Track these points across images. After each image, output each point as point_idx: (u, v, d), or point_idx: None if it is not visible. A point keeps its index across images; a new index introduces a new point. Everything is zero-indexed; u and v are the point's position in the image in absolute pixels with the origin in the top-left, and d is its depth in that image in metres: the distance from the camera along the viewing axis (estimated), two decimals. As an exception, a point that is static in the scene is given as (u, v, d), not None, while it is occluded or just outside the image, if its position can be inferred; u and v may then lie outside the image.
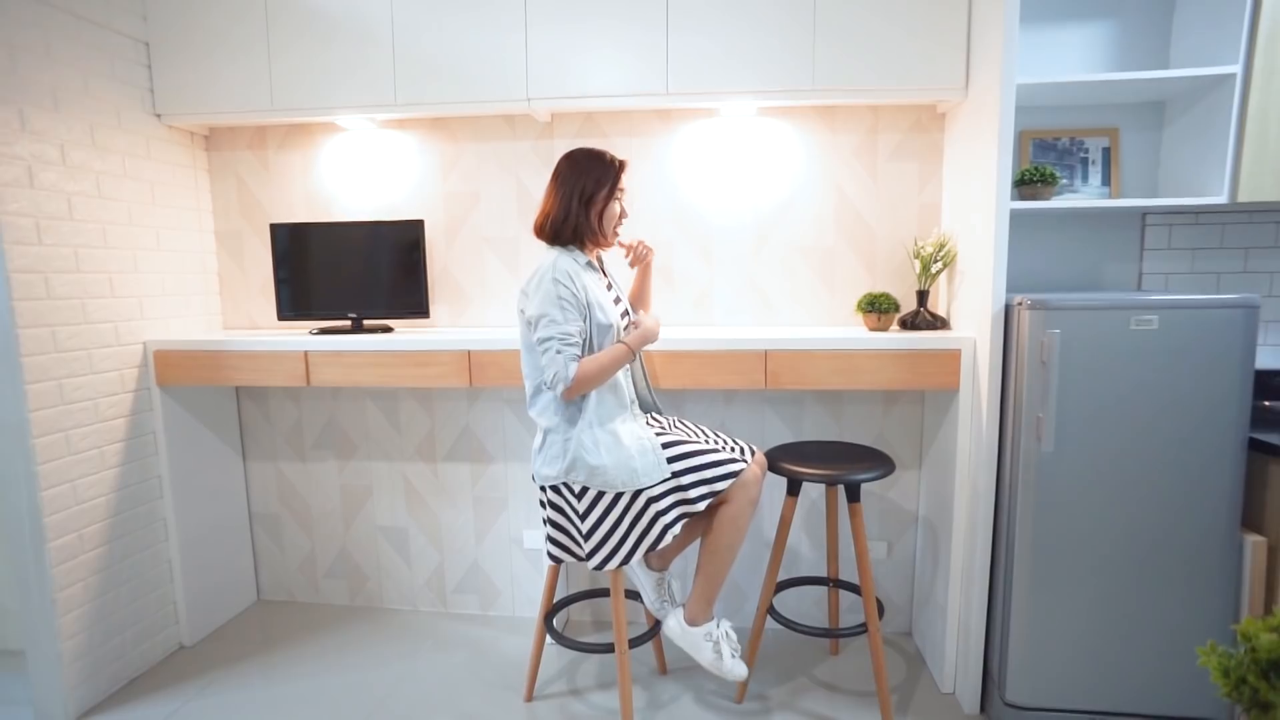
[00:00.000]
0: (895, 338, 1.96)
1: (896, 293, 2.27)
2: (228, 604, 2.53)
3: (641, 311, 1.85)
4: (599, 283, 1.73)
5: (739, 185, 2.33)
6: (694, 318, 2.40)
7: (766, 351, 1.97)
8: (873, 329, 2.14)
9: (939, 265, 2.10)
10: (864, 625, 1.88)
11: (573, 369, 1.59)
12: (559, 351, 1.59)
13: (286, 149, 2.48)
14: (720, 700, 2.03)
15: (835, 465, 1.83)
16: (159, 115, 2.28)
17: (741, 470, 1.71)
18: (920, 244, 2.12)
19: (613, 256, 2.41)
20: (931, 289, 2.19)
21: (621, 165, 1.74)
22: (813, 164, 2.29)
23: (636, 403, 1.84)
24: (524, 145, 2.38)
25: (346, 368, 2.12)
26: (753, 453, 1.83)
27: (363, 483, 2.57)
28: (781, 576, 2.36)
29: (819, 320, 2.35)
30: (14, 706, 2.01)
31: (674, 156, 2.34)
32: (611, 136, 2.34)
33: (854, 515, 1.84)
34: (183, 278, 2.40)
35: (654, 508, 1.68)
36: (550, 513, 1.78)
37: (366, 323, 2.40)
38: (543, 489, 1.76)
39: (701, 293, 2.39)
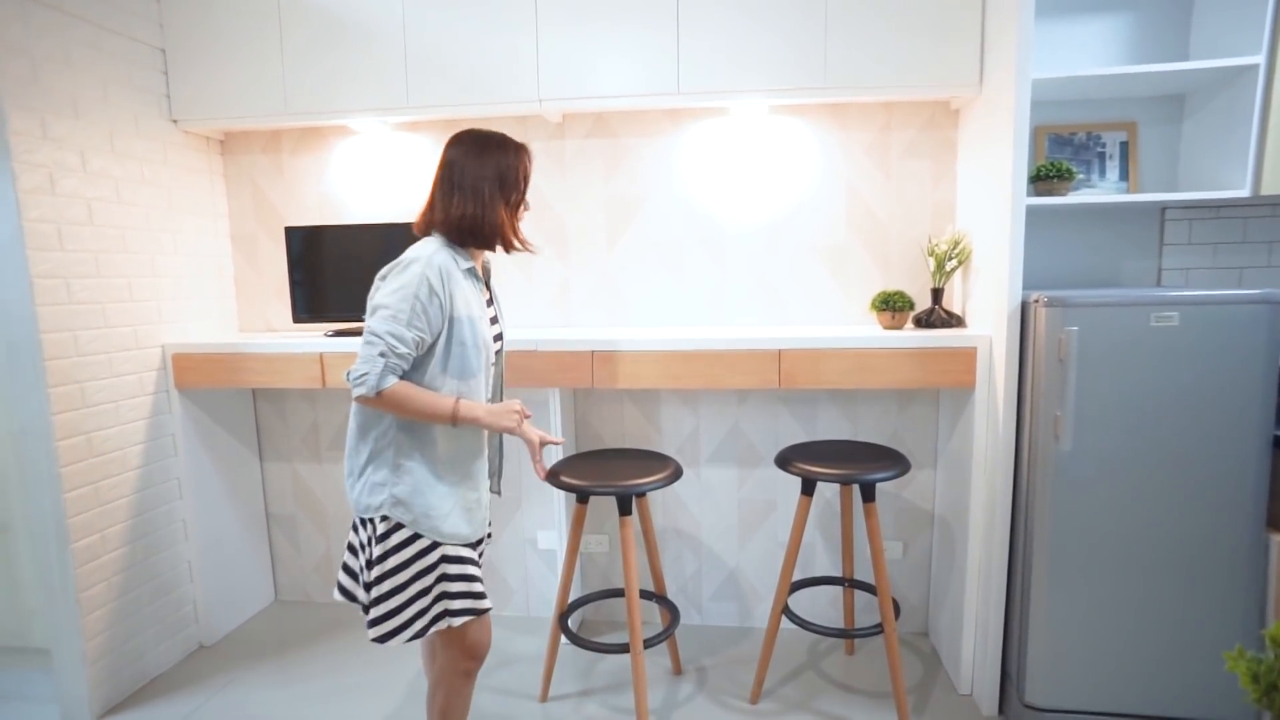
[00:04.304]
0: (910, 336, 1.94)
1: (911, 291, 2.25)
2: (245, 604, 2.56)
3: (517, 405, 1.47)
4: (477, 294, 1.43)
5: (751, 184, 2.32)
6: (706, 317, 2.40)
7: (780, 351, 1.96)
8: (887, 327, 2.12)
9: (953, 263, 2.08)
10: (880, 625, 1.87)
11: (389, 382, 1.29)
12: (382, 355, 1.30)
13: (300, 152, 2.50)
14: (736, 701, 2.02)
15: (850, 465, 1.82)
16: (176, 121, 2.30)
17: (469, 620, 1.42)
18: (934, 241, 2.10)
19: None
20: (946, 287, 2.16)
21: (527, 153, 1.46)
22: (825, 162, 2.28)
23: (492, 479, 1.54)
24: (535, 146, 2.38)
25: (361, 369, 2.13)
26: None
27: (378, 483, 2.58)
28: (796, 576, 2.35)
29: (832, 319, 2.34)
30: (41, 704, 2.04)
31: (685, 156, 2.33)
32: (622, 136, 2.34)
33: (869, 515, 1.83)
34: (199, 281, 2.43)
35: (445, 569, 1.39)
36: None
37: (380, 325, 2.41)
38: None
39: (713, 292, 2.38)
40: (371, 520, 1.38)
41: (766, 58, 2.02)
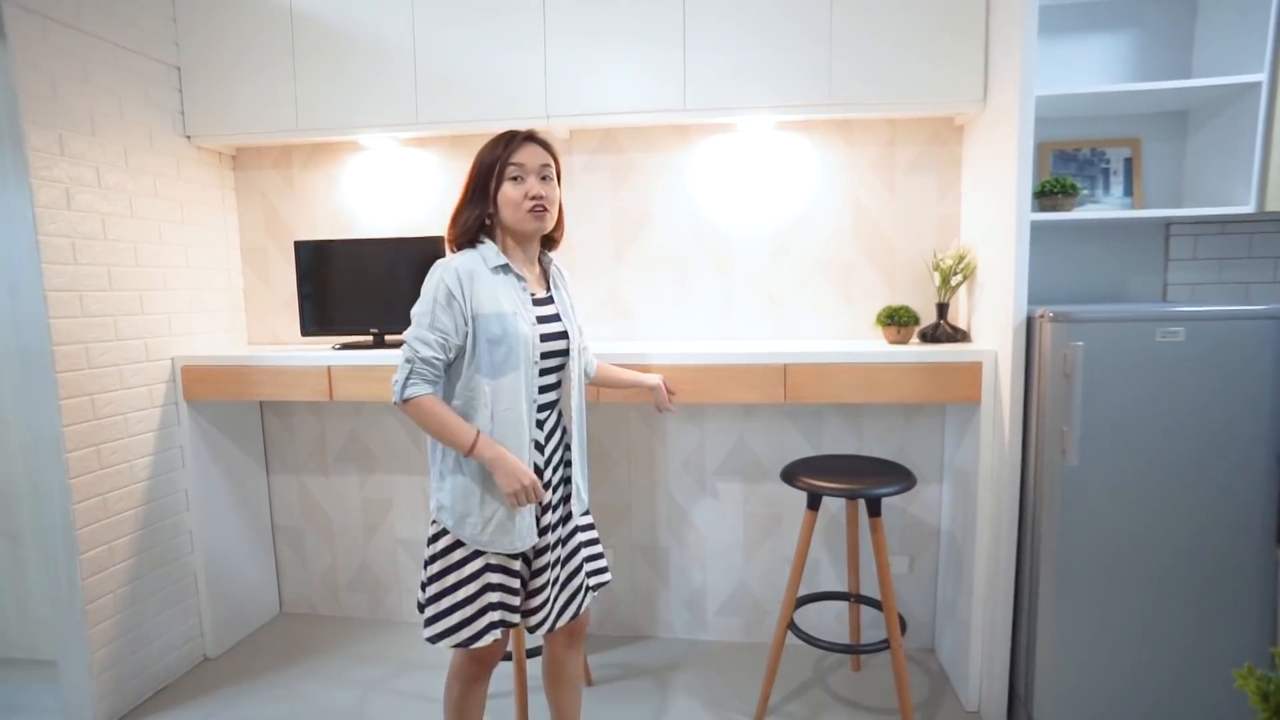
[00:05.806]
0: (915, 351, 1.95)
1: (916, 305, 2.25)
2: (251, 616, 2.56)
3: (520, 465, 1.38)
4: (514, 290, 1.42)
5: (757, 199, 2.34)
6: (712, 331, 2.40)
7: (786, 365, 1.96)
8: (892, 342, 2.13)
9: (959, 277, 2.08)
10: (886, 641, 1.86)
11: (413, 391, 1.33)
12: (408, 361, 1.34)
13: (311, 168, 2.54)
14: (741, 717, 2.01)
15: (856, 479, 1.82)
16: (189, 137, 2.34)
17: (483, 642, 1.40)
18: (939, 256, 2.11)
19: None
20: (951, 301, 2.17)
21: (513, 138, 1.43)
22: (830, 177, 2.30)
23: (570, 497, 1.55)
24: (543, 162, 2.40)
25: (368, 382, 2.14)
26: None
27: (383, 496, 2.59)
28: (802, 591, 2.34)
29: (838, 333, 2.35)
30: (47, 715, 2.04)
31: (692, 171, 2.35)
32: (629, 152, 2.37)
33: (875, 530, 1.82)
34: (210, 294, 2.45)
35: (489, 578, 1.40)
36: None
37: (388, 338, 2.43)
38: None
39: (720, 306, 2.39)
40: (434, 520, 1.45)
41: (772, 75, 2.04)
